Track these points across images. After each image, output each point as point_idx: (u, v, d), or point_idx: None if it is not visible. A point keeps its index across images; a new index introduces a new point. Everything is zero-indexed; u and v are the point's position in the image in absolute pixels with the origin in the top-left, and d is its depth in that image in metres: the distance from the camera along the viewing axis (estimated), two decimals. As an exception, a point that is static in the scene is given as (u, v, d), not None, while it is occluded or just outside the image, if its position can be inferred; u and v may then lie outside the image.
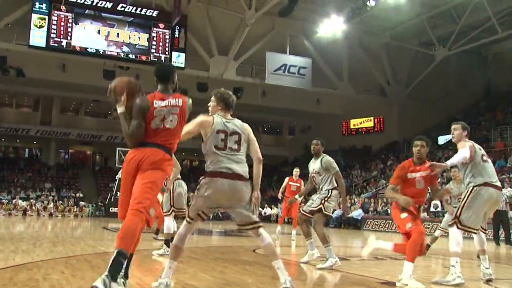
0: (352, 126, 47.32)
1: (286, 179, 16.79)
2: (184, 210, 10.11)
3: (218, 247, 12.78)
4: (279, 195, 17.34)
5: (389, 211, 30.72)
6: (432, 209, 28.48)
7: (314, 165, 9.61)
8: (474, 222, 7.29)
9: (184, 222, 5.44)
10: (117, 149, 40.14)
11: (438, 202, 28.45)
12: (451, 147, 37.88)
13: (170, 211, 10.33)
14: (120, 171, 28.70)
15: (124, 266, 4.94)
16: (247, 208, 5.50)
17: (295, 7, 32.22)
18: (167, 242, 9.94)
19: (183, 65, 36.52)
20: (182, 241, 5.43)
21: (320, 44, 37.98)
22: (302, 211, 9.36)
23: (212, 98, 6.48)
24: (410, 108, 42.18)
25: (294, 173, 16.77)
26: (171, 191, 10.30)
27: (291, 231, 16.92)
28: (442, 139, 40.49)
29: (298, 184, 16.47)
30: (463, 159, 7.53)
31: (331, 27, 35.17)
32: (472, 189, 7.38)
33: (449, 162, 7.51)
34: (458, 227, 7.24)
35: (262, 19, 34.69)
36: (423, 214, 28.34)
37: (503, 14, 34.26)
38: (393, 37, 40.09)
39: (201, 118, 5.86)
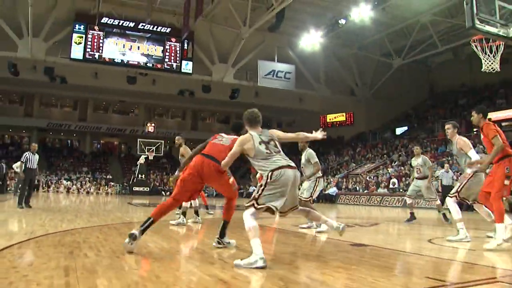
0: (328, 120, 47.09)
1: None
2: None
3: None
4: None
5: (358, 188, 30.54)
6: (391, 186, 28.25)
7: (302, 159, 9.57)
8: (471, 196, 7.48)
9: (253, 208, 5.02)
10: (138, 140, 40.05)
11: (396, 180, 28.29)
12: (406, 136, 37.98)
13: None
14: (142, 156, 28.48)
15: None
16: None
17: (281, 24, 32.11)
18: (184, 214, 9.90)
19: (190, 71, 36.64)
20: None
21: (302, 53, 37.68)
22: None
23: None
24: (374, 105, 42.31)
25: None
26: None
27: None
28: (399, 130, 40.59)
29: None
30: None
31: (311, 40, 34.89)
32: (473, 174, 7.47)
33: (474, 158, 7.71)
34: (457, 198, 7.46)
35: (254, 34, 34.34)
36: (384, 190, 28.22)
37: (442, 33, 34.72)
38: (360, 48, 40.02)
39: (240, 138, 5.54)
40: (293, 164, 5.17)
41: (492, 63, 11.50)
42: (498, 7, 7.50)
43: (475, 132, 31.43)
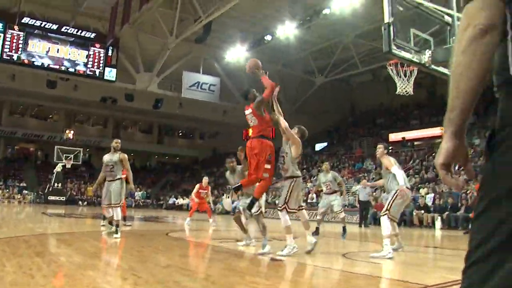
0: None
1: (197, 186, 16.39)
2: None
3: (137, 230, 12.37)
4: (193, 197, 16.78)
5: (277, 202, 30.98)
6: (309, 200, 28.88)
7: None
8: (397, 214, 8.18)
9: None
10: (56, 147, 38.62)
11: (314, 195, 28.96)
12: (325, 152, 39.04)
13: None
14: (59, 164, 27.45)
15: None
16: None
17: (208, 36, 32.26)
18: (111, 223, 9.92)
19: (114, 79, 35.68)
20: None
21: (228, 66, 37.97)
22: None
23: (296, 130, 8.31)
24: (297, 121, 42.56)
25: (203, 181, 16.43)
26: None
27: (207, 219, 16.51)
28: (318, 146, 41.62)
29: (207, 191, 16.45)
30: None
31: (237, 54, 35.26)
32: (397, 191, 8.02)
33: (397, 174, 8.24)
34: (388, 217, 7.93)
35: (181, 44, 34.32)
36: (304, 204, 28.81)
37: (363, 55, 36.13)
38: (284, 65, 40.84)
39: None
40: None
41: (406, 87, 12.17)
42: (413, 35, 8.00)
43: (390, 150, 32.84)
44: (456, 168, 11.40)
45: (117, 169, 9.80)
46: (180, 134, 56.35)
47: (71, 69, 34.69)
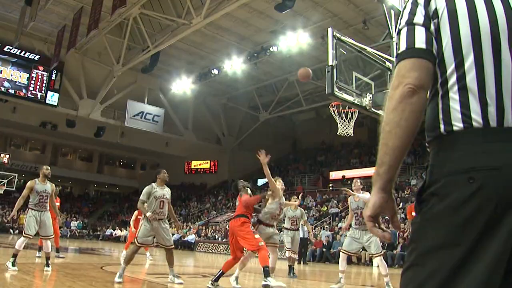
0: (192, 166, 47.37)
1: (135, 213, 15.05)
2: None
3: (70, 263, 11.92)
4: (132, 226, 15.79)
5: (217, 237, 30.78)
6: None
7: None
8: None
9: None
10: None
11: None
12: (267, 188, 39.15)
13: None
14: None
15: None
16: None
17: (154, 67, 32.20)
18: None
19: (56, 103, 34.62)
20: None
21: (173, 98, 37.93)
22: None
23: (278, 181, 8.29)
24: (239, 155, 43.26)
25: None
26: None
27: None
28: (260, 181, 41.77)
29: None
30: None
31: (182, 86, 35.37)
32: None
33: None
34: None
35: (127, 73, 34.07)
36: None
37: (307, 93, 36.77)
38: (230, 100, 41.32)
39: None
40: None
41: (346, 128, 12.53)
42: (355, 78, 8.30)
43: (331, 188, 33.44)
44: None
45: (48, 200, 9.35)
46: (121, 163, 55.47)
47: (11, 91, 33.55)
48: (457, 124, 1.52)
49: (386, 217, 1.64)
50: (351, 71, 8.48)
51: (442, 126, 1.55)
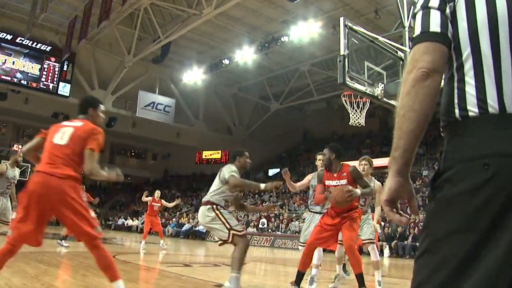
0: (204, 157, 47.38)
1: (149, 199, 15.20)
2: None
3: (83, 252, 11.89)
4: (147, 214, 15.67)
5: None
6: (260, 225, 28.89)
7: None
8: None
9: None
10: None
11: (265, 220, 28.99)
12: (278, 178, 39.21)
13: None
14: None
15: None
16: None
17: (165, 58, 32.28)
18: None
19: (68, 94, 34.90)
20: None
21: (184, 88, 38.01)
22: None
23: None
24: (249, 146, 42.97)
25: (155, 194, 15.40)
26: None
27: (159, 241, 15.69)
28: (271, 172, 41.78)
29: (159, 204, 15.44)
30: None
31: (193, 76, 35.41)
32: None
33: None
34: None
35: (138, 64, 34.19)
36: (253, 229, 28.78)
37: (318, 83, 36.55)
38: (240, 90, 41.29)
39: None
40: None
41: (358, 118, 12.46)
42: (367, 68, 8.25)
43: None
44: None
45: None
46: (133, 154, 55.66)
47: (24, 82, 33.82)
48: (473, 110, 1.50)
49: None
50: (363, 61, 8.42)
51: (457, 111, 1.54)
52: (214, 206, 5.84)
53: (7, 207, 9.05)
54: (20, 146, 42.41)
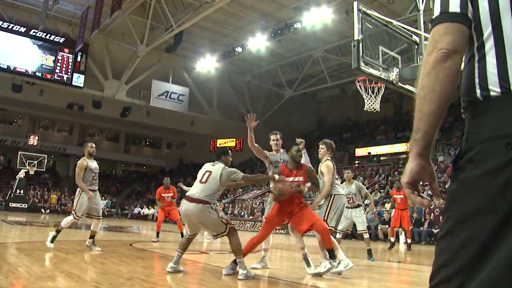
0: (218, 145, 47.39)
1: (158, 190, 14.18)
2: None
3: (101, 240, 12.01)
4: (160, 205, 14.25)
5: (243, 214, 30.96)
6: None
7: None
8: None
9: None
10: (19, 152, 37.57)
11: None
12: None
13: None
14: (22, 170, 25.85)
15: None
16: None
17: (178, 46, 32.26)
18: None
19: (82, 85, 35.30)
20: None
21: (197, 77, 38.08)
22: None
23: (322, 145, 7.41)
24: (264, 133, 42.85)
25: (164, 183, 14.13)
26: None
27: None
28: (286, 159, 41.69)
29: (172, 193, 13.96)
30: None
31: (206, 64, 35.43)
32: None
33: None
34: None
35: (151, 53, 34.21)
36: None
37: (332, 69, 36.44)
38: (254, 77, 41.20)
39: None
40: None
41: (373, 104, 12.36)
42: (381, 52, 8.16)
43: (357, 165, 33.22)
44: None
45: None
46: (147, 143, 55.96)
47: (38, 74, 34.13)
48: (494, 89, 1.46)
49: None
50: (377, 45, 8.34)
51: (478, 91, 1.50)
52: (213, 205, 6.32)
53: (97, 202, 9.16)
54: (36, 138, 42.93)
